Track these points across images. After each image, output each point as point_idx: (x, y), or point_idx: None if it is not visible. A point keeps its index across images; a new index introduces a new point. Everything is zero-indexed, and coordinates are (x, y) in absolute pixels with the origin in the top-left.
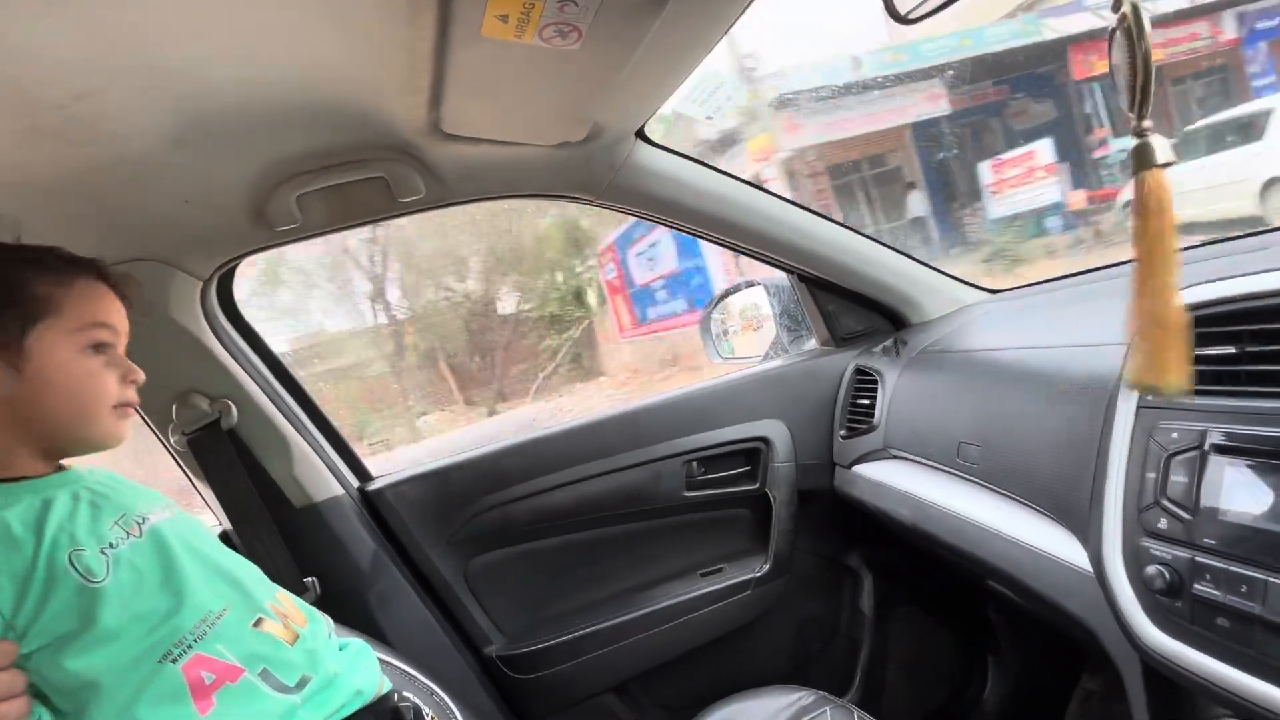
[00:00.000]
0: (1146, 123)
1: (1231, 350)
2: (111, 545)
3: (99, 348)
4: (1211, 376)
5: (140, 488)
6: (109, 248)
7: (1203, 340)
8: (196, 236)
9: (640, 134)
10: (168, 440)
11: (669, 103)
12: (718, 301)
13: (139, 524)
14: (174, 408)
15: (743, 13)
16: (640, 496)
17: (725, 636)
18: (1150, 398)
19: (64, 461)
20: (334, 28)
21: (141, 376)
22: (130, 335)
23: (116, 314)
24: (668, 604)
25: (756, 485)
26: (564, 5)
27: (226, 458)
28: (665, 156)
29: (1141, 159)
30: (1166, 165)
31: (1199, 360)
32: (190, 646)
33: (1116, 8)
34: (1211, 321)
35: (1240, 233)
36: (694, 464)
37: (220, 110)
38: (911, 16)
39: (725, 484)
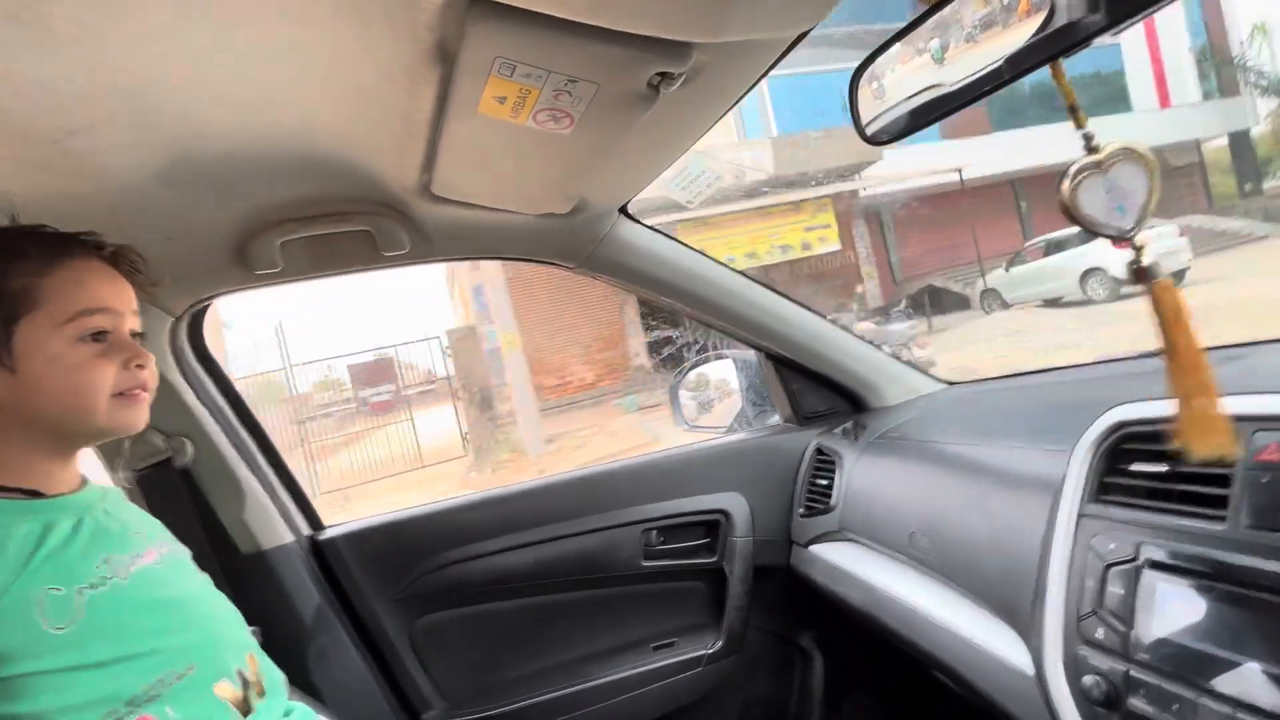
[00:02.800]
0: (1139, 243)
1: (1163, 469)
2: (91, 586)
3: (96, 335)
4: (1145, 492)
5: (146, 517)
6: None
7: (1136, 456)
8: (175, 274)
9: (623, 210)
10: (114, 475)
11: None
12: (688, 370)
13: (128, 565)
14: (127, 442)
15: (730, 108)
16: (597, 563)
17: (673, 713)
18: (1092, 511)
19: (88, 476)
20: (334, 88)
21: (150, 359)
22: None
23: (113, 294)
24: (618, 677)
25: (714, 558)
26: (559, 94)
27: (175, 497)
28: (646, 233)
29: (1146, 275)
30: (1170, 276)
31: (1132, 475)
32: (140, 706)
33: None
34: (1144, 439)
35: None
36: (653, 533)
37: (213, 154)
38: (877, 139)
39: (683, 555)
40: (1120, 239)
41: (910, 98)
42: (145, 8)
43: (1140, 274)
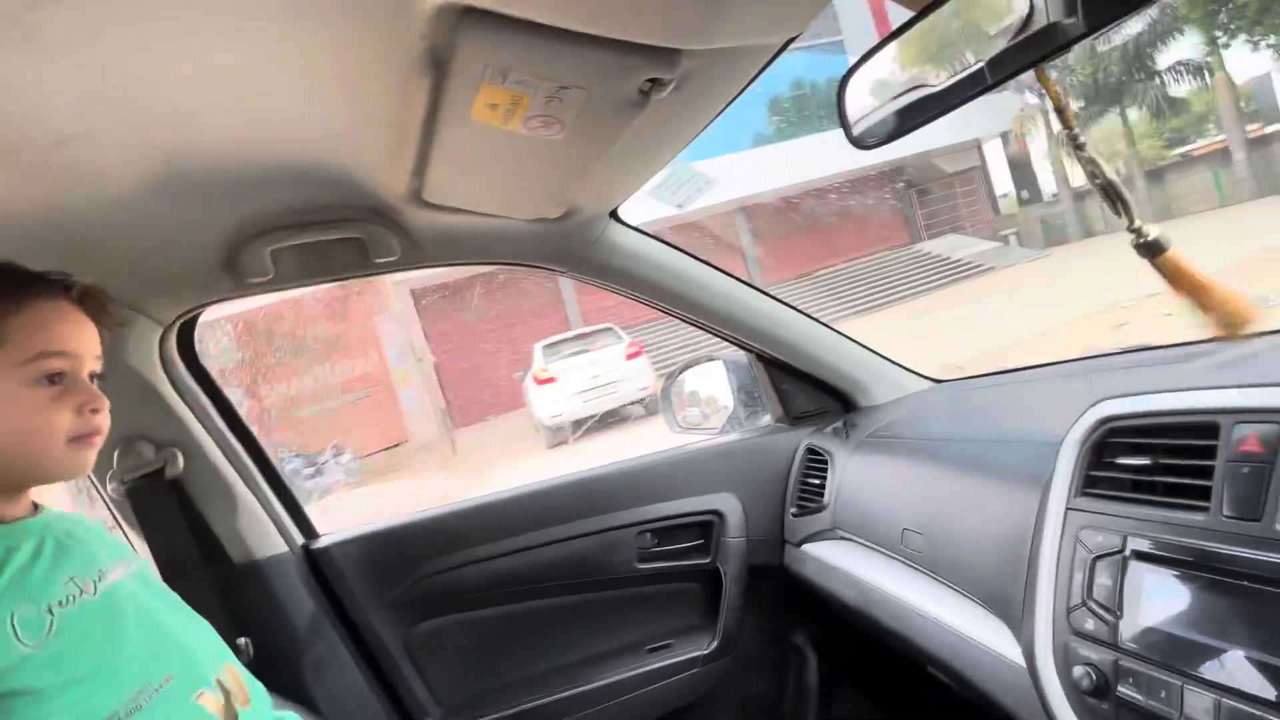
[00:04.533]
0: (1137, 223)
1: (1147, 462)
2: (60, 604)
3: (53, 378)
4: (1129, 485)
5: (107, 538)
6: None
7: (1120, 450)
8: (163, 282)
9: (614, 214)
10: (103, 487)
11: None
12: (679, 374)
13: (95, 581)
14: (116, 454)
15: (719, 114)
16: (591, 567)
17: (671, 715)
18: (1080, 504)
19: (39, 501)
20: (326, 95)
21: (104, 403)
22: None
23: (77, 336)
24: (614, 680)
25: (708, 559)
26: (550, 101)
27: (166, 508)
28: (636, 237)
29: (1154, 249)
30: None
31: (1118, 468)
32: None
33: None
34: (1129, 433)
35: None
36: (647, 535)
37: (205, 162)
38: (866, 143)
39: (677, 556)
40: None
41: (896, 98)
42: (137, 17)
43: (1149, 247)
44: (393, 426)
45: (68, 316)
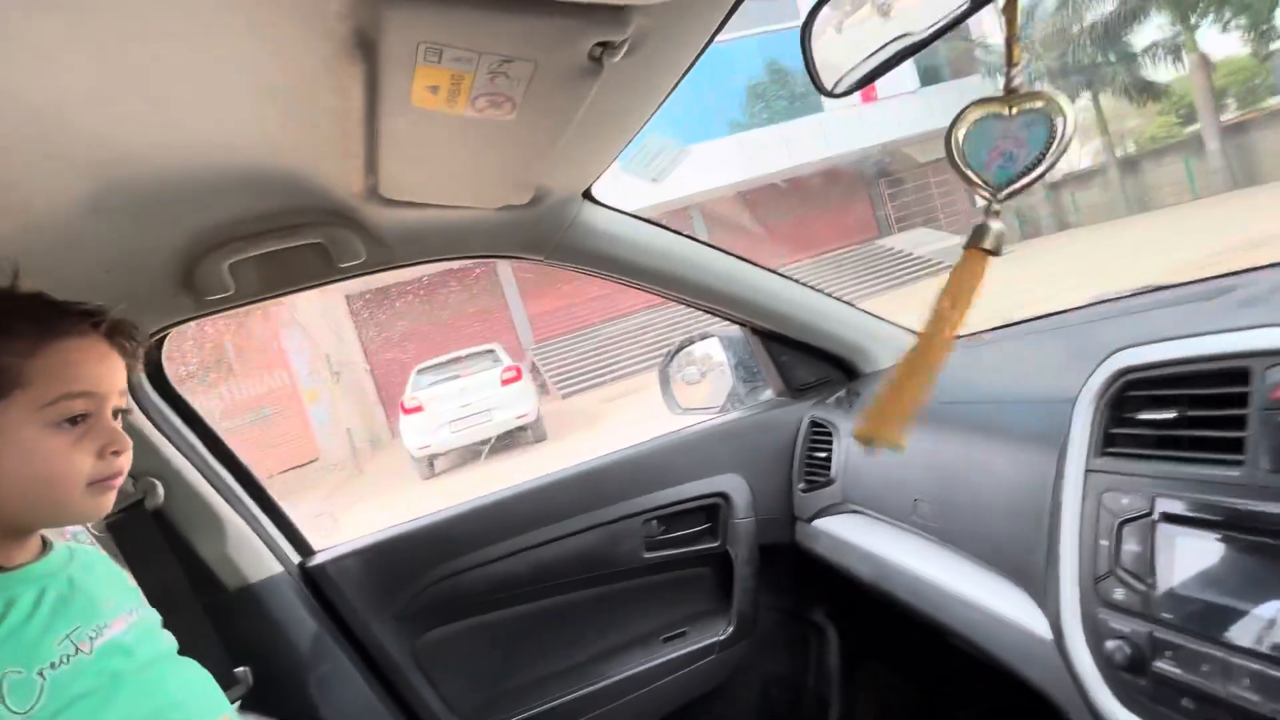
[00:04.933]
0: (997, 206)
1: (1171, 415)
2: (53, 665)
3: (75, 420)
4: (1154, 441)
5: (116, 579)
6: None
7: (1143, 403)
8: (119, 309)
9: (587, 195)
10: (86, 525)
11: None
12: (675, 354)
13: (92, 638)
14: None
15: (678, 82)
16: (598, 560)
17: (690, 704)
18: (1100, 465)
19: (50, 537)
20: (254, 94)
21: (127, 444)
22: None
23: (101, 374)
24: (631, 673)
25: (717, 543)
26: (494, 77)
27: (150, 541)
28: (614, 216)
29: (975, 236)
30: (991, 253)
31: (1139, 424)
32: None
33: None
34: (1149, 384)
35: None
36: (653, 523)
37: (140, 177)
38: (836, 91)
39: (685, 543)
40: (990, 197)
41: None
42: (30, 29)
43: (975, 231)
44: (303, 445)
45: (93, 352)
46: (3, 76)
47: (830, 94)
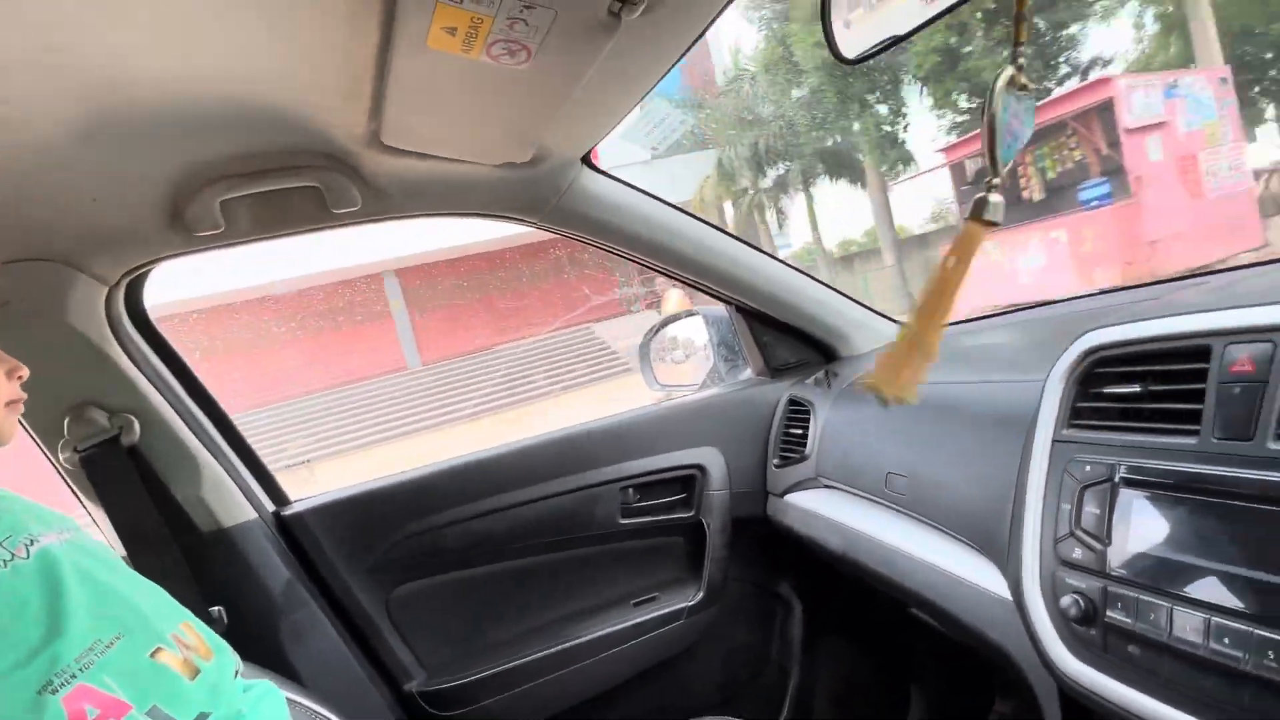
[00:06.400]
0: (996, 180)
1: (1136, 389)
2: None
3: None
4: (1118, 413)
5: (38, 508)
6: (3, 245)
7: (1110, 379)
8: (104, 238)
9: (586, 160)
10: (56, 457)
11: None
12: (657, 330)
13: (26, 545)
14: (66, 421)
15: (691, 46)
16: (574, 523)
17: (657, 667)
18: (1067, 436)
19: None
20: (267, 25)
21: (25, 371)
22: (20, 340)
23: None
24: (600, 634)
25: (691, 513)
26: (514, 23)
27: (125, 478)
28: (610, 184)
29: (977, 208)
30: (991, 225)
31: (1107, 398)
32: (74, 676)
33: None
34: (1117, 362)
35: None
36: (630, 490)
37: (136, 105)
38: (852, 58)
39: (660, 511)
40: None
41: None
42: None
43: (976, 203)
44: None
45: None
46: None
47: (848, 62)
